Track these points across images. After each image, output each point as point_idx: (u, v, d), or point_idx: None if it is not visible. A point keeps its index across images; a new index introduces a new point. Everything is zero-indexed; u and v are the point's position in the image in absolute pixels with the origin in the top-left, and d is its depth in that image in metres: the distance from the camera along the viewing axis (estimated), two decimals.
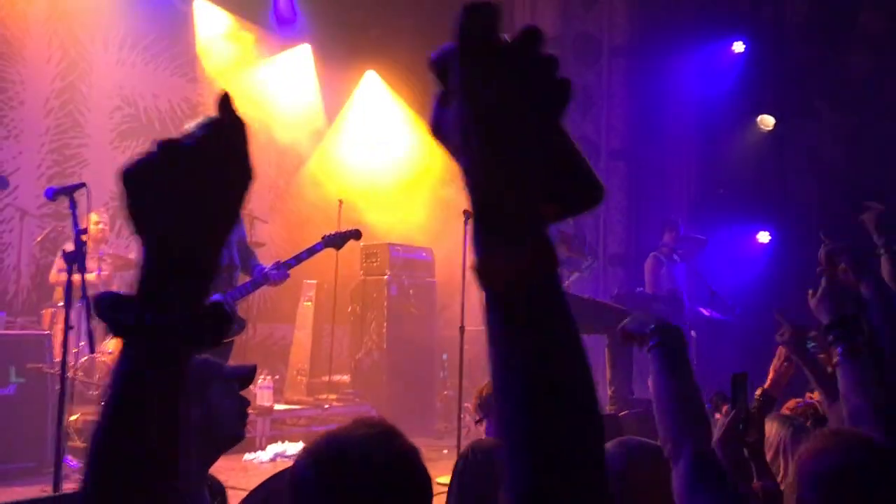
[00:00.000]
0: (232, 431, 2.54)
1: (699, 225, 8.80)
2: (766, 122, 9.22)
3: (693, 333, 7.97)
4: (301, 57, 9.64)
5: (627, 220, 9.89)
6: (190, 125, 0.80)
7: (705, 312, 8.31)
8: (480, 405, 3.28)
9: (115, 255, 7.42)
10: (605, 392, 6.14)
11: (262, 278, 4.67)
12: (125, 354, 0.81)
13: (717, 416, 2.79)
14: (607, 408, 5.86)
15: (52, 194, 3.54)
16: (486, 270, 0.70)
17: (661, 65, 9.53)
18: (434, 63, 0.72)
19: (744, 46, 9.42)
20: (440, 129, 0.73)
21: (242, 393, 2.78)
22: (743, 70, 9.39)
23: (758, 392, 3.21)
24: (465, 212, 6.28)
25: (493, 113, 0.69)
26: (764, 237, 8.99)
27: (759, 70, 9.17)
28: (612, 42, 10.11)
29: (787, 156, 9.10)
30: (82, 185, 3.53)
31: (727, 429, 2.36)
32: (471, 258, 0.72)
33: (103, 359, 6.61)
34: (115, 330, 0.80)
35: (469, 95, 0.70)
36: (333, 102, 9.92)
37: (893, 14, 8.39)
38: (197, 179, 0.79)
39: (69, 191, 3.47)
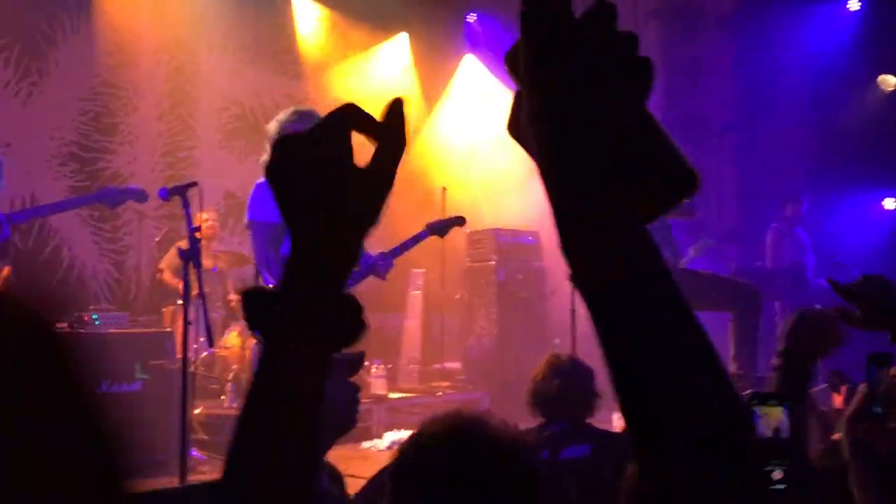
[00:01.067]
0: (345, 418, 2.55)
1: (819, 193, 8.41)
2: (888, 82, 8.72)
3: (817, 307, 7.63)
4: (399, 46, 9.66)
5: (741, 195, 9.56)
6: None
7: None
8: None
9: (228, 252, 7.64)
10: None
11: (368, 269, 4.68)
12: (263, 348, 0.81)
13: (835, 395, 2.63)
14: None
15: (166, 194, 3.63)
16: (577, 275, 0.64)
17: (770, 31, 9.14)
18: (507, 58, 0.65)
19: (859, 3, 8.95)
20: (516, 126, 0.67)
21: (354, 380, 2.79)
22: (859, 29, 8.91)
23: (893, 371, 3.01)
24: None
25: (564, 97, 0.61)
26: (890, 203, 8.52)
27: (876, 27, 8.67)
28: (717, 11, 9.76)
29: None
30: (194, 183, 3.61)
31: (858, 405, 2.22)
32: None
33: (222, 353, 6.80)
34: (248, 322, 0.81)
35: (536, 80, 0.63)
36: (433, 89, 9.92)
37: None
38: (324, 170, 0.79)
39: (182, 190, 3.55)
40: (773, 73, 9.02)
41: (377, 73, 9.55)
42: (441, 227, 5.04)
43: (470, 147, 9.84)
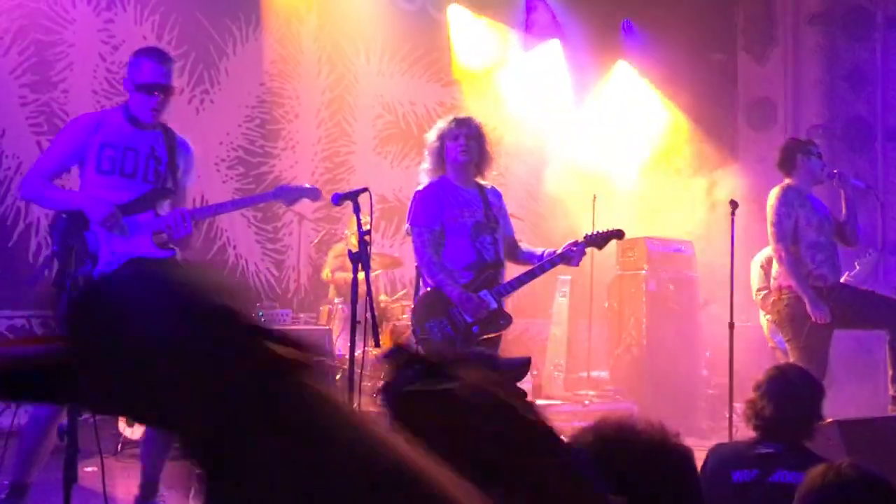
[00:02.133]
0: None
1: None
2: None
3: None
4: (551, 53, 9.68)
5: None
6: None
7: None
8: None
9: (380, 254, 7.86)
10: (884, 392, 5.65)
11: (560, 258, 4.60)
12: None
13: None
14: (889, 408, 5.40)
15: (338, 199, 3.79)
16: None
17: None
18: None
19: None
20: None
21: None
22: None
23: None
24: (731, 202, 6.05)
25: None
26: None
27: None
28: (886, 13, 9.29)
29: None
30: (365, 189, 3.75)
31: None
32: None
33: (374, 352, 7.00)
34: None
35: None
36: (585, 96, 9.88)
37: None
38: None
39: (353, 195, 3.71)
40: None
41: (529, 80, 9.60)
42: (599, 240, 4.94)
43: (622, 153, 9.73)
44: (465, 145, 4.62)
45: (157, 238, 3.95)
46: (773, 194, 5.52)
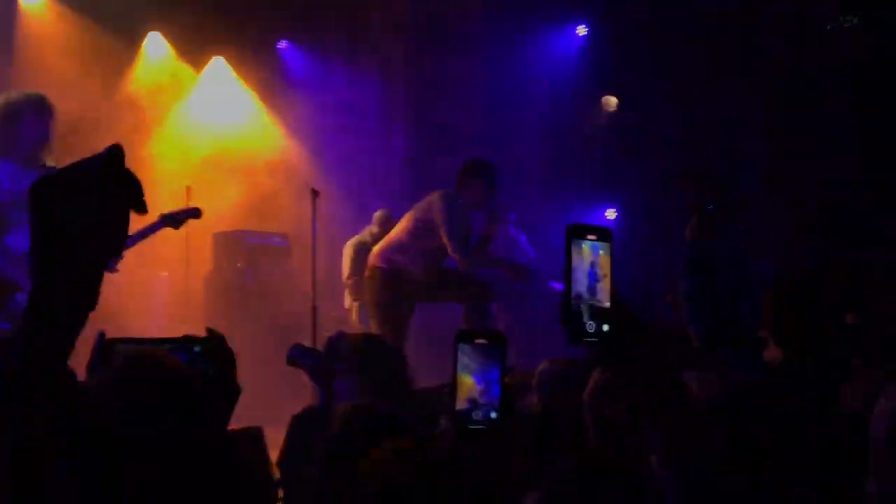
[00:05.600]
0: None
1: (551, 205, 8.97)
2: (610, 102, 9.47)
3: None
4: (153, 43, 9.29)
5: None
6: None
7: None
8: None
9: None
10: None
11: None
12: None
13: None
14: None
15: None
16: None
17: (508, 51, 9.60)
18: None
19: (586, 29, 9.62)
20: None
21: None
22: (587, 53, 9.62)
23: None
24: (312, 190, 6.29)
25: None
26: (611, 214, 9.29)
27: (601, 52, 9.41)
28: (462, 29, 10.15)
29: (631, 135, 9.36)
30: None
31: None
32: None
33: None
34: None
35: None
36: (181, 89, 9.59)
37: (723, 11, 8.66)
38: None
39: None
40: (511, 90, 9.51)
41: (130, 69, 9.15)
42: (175, 218, 4.91)
43: (216, 148, 9.53)
44: (50, 127, 4.40)
45: None
46: (438, 198, 5.72)
